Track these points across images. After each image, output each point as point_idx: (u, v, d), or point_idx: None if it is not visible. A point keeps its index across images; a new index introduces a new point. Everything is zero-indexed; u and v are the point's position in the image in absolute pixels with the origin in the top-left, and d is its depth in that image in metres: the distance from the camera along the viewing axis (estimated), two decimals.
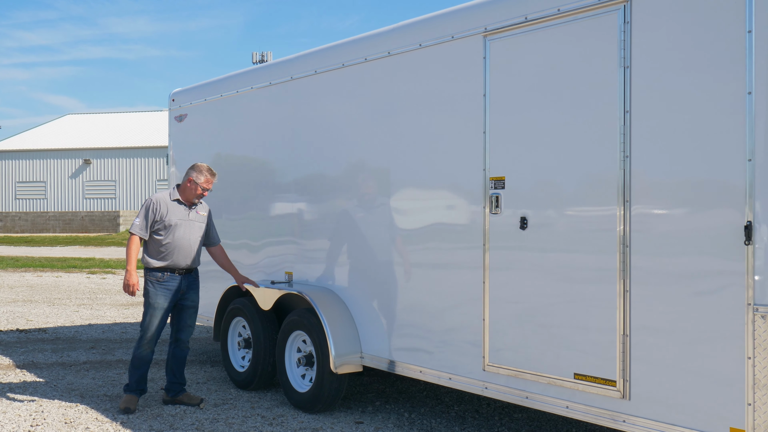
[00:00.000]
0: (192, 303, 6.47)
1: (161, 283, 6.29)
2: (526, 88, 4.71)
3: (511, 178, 4.78)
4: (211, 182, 6.41)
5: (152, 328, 6.31)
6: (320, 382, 5.96)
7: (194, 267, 6.47)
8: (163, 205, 6.32)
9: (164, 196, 6.39)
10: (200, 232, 6.47)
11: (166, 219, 6.26)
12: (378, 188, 5.80)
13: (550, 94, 4.57)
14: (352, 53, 6.05)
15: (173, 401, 6.42)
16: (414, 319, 5.49)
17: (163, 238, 6.27)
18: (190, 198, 6.38)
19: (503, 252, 4.83)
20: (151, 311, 6.30)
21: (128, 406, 6.18)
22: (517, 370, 4.73)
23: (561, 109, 4.50)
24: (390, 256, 5.69)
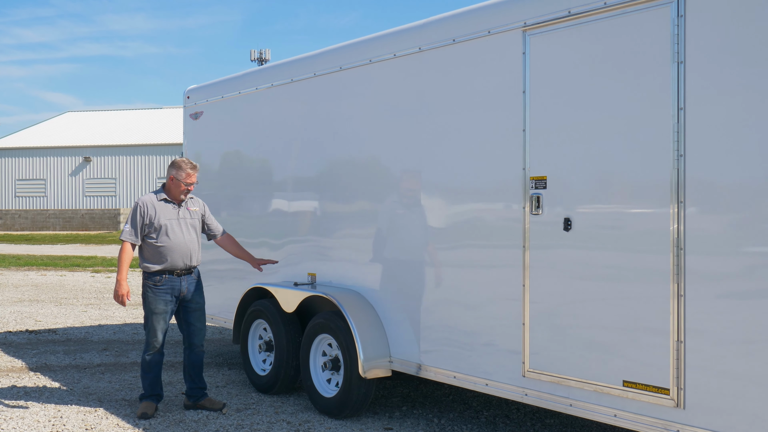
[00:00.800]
0: (197, 305, 6.27)
1: (159, 286, 6.08)
2: (569, 85, 4.54)
3: (554, 178, 4.62)
4: (192, 176, 6.15)
5: (156, 333, 6.12)
6: (348, 386, 5.80)
7: (194, 266, 6.24)
8: (151, 206, 6.08)
9: (151, 197, 6.16)
10: (195, 229, 6.25)
11: (156, 221, 6.04)
12: (409, 188, 5.63)
13: (596, 92, 4.40)
14: (379, 49, 5.88)
15: (195, 406, 6.25)
16: (447, 323, 5.33)
17: (156, 240, 6.05)
18: (176, 195, 6.15)
19: (545, 254, 4.67)
20: (152, 317, 6.12)
21: (146, 411, 6.02)
22: (560, 377, 4.57)
23: (608, 107, 4.33)
24: (421, 258, 5.52)
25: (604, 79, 4.36)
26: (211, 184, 8.00)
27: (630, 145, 4.22)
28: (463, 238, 5.21)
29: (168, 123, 45.63)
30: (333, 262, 6.37)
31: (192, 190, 6.23)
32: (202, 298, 6.33)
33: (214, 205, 7.88)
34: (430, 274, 5.46)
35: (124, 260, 6.03)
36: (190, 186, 6.16)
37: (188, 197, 6.27)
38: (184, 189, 6.14)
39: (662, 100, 4.07)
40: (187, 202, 6.25)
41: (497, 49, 4.96)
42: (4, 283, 16.10)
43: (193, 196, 6.36)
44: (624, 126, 4.25)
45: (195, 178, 6.19)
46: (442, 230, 5.37)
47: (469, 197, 5.20)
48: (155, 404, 6.13)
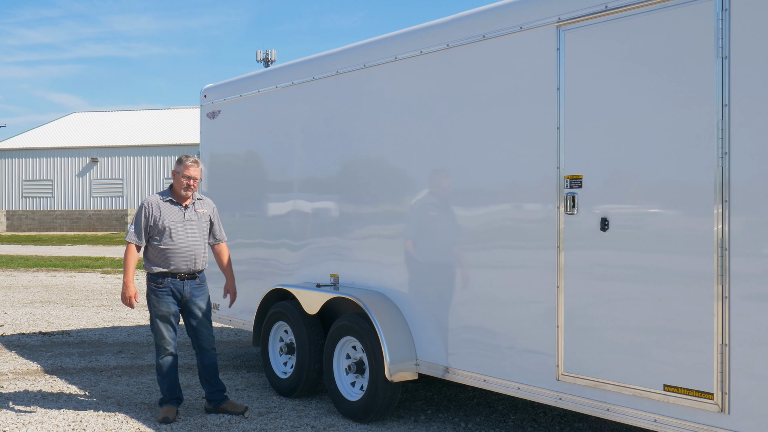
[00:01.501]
0: (200, 309, 6.11)
1: (161, 289, 5.95)
2: (606, 82, 4.42)
3: (590, 177, 4.50)
4: (191, 169, 5.97)
5: (164, 336, 6.00)
6: (373, 390, 5.69)
7: (198, 271, 6.09)
8: (156, 207, 5.95)
9: (157, 198, 6.01)
10: (201, 232, 6.09)
11: (160, 222, 5.90)
12: (437, 188, 5.52)
13: (634, 88, 4.29)
14: (406, 45, 5.77)
15: (216, 410, 6.14)
16: (477, 325, 5.21)
17: (160, 242, 5.92)
18: (179, 191, 5.98)
19: (581, 254, 4.55)
20: (158, 319, 5.99)
21: (167, 416, 5.91)
22: (597, 380, 4.46)
23: (648, 104, 4.22)
24: (450, 259, 5.41)
25: (643, 75, 4.24)
26: (229, 184, 7.91)
27: (672, 143, 4.11)
28: (494, 238, 5.09)
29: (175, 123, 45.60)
30: (356, 263, 6.26)
31: (194, 186, 6.02)
32: (206, 302, 6.17)
33: (232, 204, 7.79)
34: (458, 276, 5.35)
35: (130, 262, 5.93)
36: (189, 180, 5.96)
37: (197, 198, 6.14)
38: (184, 183, 5.96)
39: (705, 96, 3.96)
40: (195, 204, 6.10)
41: (530, 46, 4.85)
42: (14, 284, 16.02)
43: (202, 197, 6.22)
44: (665, 123, 4.13)
45: (194, 172, 5.99)
46: (472, 230, 5.26)
47: (500, 197, 5.08)
48: (176, 408, 6.03)
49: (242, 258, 7.59)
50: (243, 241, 7.62)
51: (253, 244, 7.50)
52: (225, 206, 7.90)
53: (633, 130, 4.28)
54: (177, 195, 6.04)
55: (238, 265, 7.59)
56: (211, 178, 8.17)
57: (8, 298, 13.72)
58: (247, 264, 7.49)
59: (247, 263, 7.50)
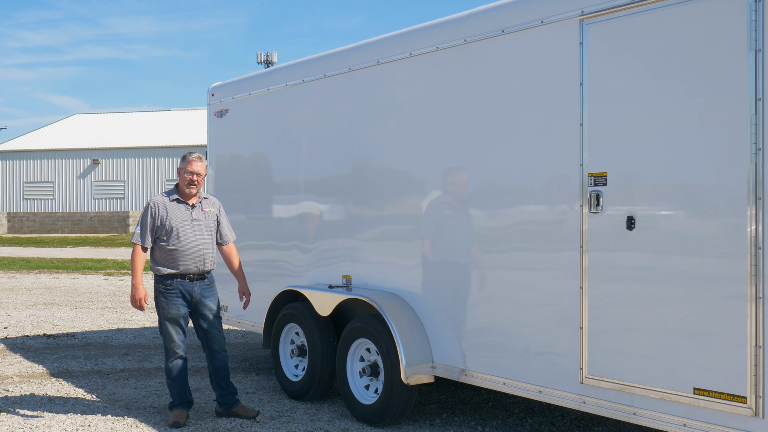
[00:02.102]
0: (210, 311, 6.00)
1: (170, 290, 5.83)
2: (632, 76, 4.30)
3: (615, 174, 4.38)
4: (195, 164, 5.84)
5: (173, 339, 5.88)
6: (388, 393, 5.56)
7: (207, 271, 5.99)
8: (162, 207, 5.82)
9: (163, 197, 5.89)
10: (209, 231, 5.98)
11: (167, 222, 5.78)
12: (454, 187, 5.40)
13: (662, 82, 4.16)
14: (421, 41, 5.65)
15: (228, 413, 6.02)
16: (496, 327, 5.09)
17: (167, 243, 5.79)
18: (183, 187, 5.87)
19: (605, 254, 4.43)
20: (166, 322, 5.87)
21: (177, 420, 5.79)
22: (623, 384, 4.33)
23: (676, 99, 4.09)
24: (468, 260, 5.29)
25: (671, 69, 4.12)
26: (237, 183, 7.79)
27: (702, 139, 3.98)
28: (514, 237, 4.97)
29: (176, 125, 45.48)
30: (369, 264, 6.14)
31: (198, 182, 5.89)
32: (216, 303, 6.07)
33: (241, 204, 7.67)
34: (476, 277, 5.22)
35: (138, 263, 5.80)
36: (193, 176, 5.84)
37: (203, 197, 6.03)
38: (188, 179, 5.84)
39: (738, 90, 3.84)
40: (202, 203, 5.99)
41: (551, 40, 4.73)
42: (16, 286, 15.90)
43: (208, 196, 6.11)
44: (695, 118, 4.01)
45: (198, 167, 5.86)
46: (491, 230, 5.13)
47: (520, 196, 4.95)
48: (186, 412, 5.90)
49: (251, 259, 7.46)
50: (252, 241, 7.49)
51: (262, 245, 7.37)
52: (233, 206, 7.78)
53: (661, 126, 4.16)
54: (182, 193, 5.92)
55: (247, 267, 7.47)
56: (218, 178, 8.05)
57: (11, 300, 13.60)
58: (257, 265, 7.37)
59: (256, 264, 7.38)
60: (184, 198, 5.91)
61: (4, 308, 12.46)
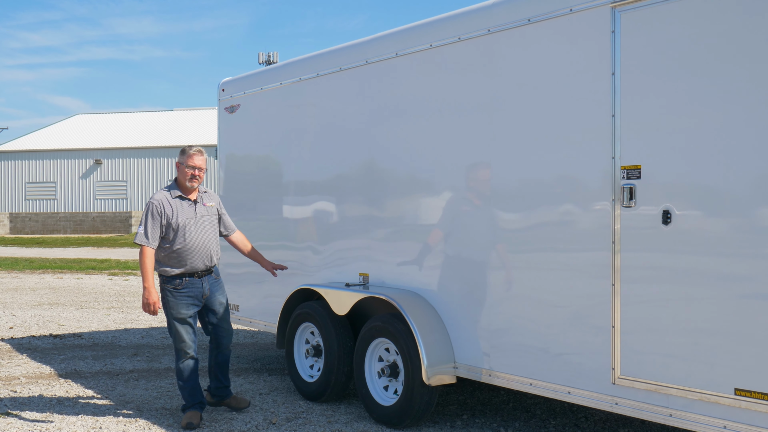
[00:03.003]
0: (221, 304, 5.93)
1: (180, 290, 5.70)
2: (667, 65, 4.14)
3: (649, 167, 4.22)
4: (196, 158, 5.71)
5: (184, 339, 5.73)
6: (409, 394, 5.40)
7: (213, 266, 5.89)
8: (167, 205, 5.66)
9: (165, 194, 5.72)
10: (213, 227, 5.89)
11: (174, 220, 5.63)
12: (477, 182, 5.23)
13: (702, 71, 4.00)
14: (442, 32, 5.49)
15: (219, 404, 6.05)
16: (522, 326, 4.93)
17: (173, 242, 5.64)
18: (184, 182, 5.73)
19: (639, 250, 4.26)
20: (176, 323, 5.72)
21: (191, 422, 5.63)
22: (658, 384, 4.17)
23: (718, 87, 3.93)
24: (491, 257, 5.12)
25: (711, 58, 3.95)
26: (249, 180, 7.63)
27: (744, 129, 3.82)
28: (541, 234, 4.81)
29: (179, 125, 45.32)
30: (387, 262, 5.97)
31: (200, 177, 5.74)
32: (225, 296, 6.02)
33: (252, 201, 7.52)
34: (501, 275, 5.06)
35: (147, 265, 5.55)
36: (194, 170, 5.70)
37: (203, 191, 5.92)
38: (189, 174, 5.70)
39: None
40: (203, 197, 5.87)
41: (581, 29, 4.56)
42: (20, 286, 15.74)
43: (207, 190, 5.99)
44: (739, 107, 3.84)
45: (199, 161, 5.72)
46: (516, 227, 4.97)
47: (547, 190, 4.79)
48: (200, 413, 5.75)
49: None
50: (264, 240, 7.33)
51: (274, 243, 7.21)
52: (244, 203, 7.63)
53: (700, 116, 4.00)
54: (183, 188, 5.78)
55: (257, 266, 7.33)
56: (228, 175, 7.90)
57: (16, 300, 13.44)
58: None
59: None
60: (185, 194, 5.77)
61: (8, 308, 12.31)
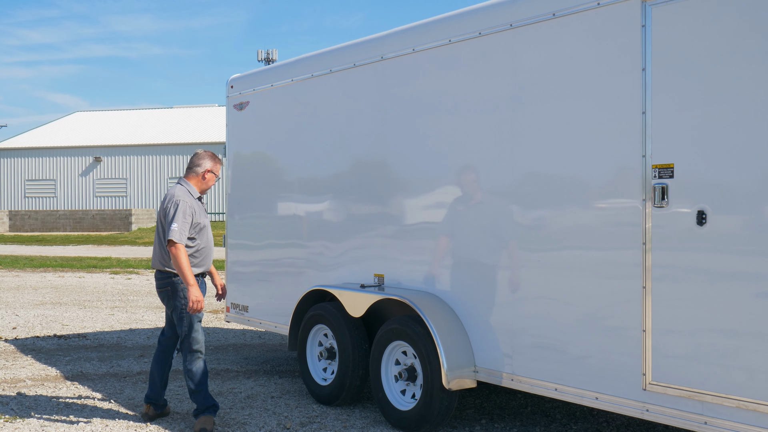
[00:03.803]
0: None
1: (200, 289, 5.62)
2: (701, 60, 3.99)
3: (683, 165, 4.07)
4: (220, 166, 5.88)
5: (201, 340, 5.61)
6: (428, 398, 5.26)
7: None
8: (195, 204, 5.64)
9: (187, 193, 5.64)
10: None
11: (197, 219, 5.62)
12: (500, 181, 5.08)
13: (739, 65, 3.85)
14: (462, 27, 5.34)
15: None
16: (547, 329, 4.78)
17: (197, 241, 5.62)
18: (203, 186, 5.79)
19: (672, 251, 4.12)
20: (196, 320, 5.57)
21: (204, 427, 5.47)
22: (692, 390, 4.03)
23: (755, 84, 3.78)
24: (514, 257, 4.98)
25: (748, 50, 3.81)
26: (258, 179, 7.48)
27: None
28: (568, 234, 4.66)
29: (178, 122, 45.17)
30: (404, 262, 5.83)
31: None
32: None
33: (262, 200, 7.38)
34: (524, 275, 4.92)
35: (188, 264, 5.40)
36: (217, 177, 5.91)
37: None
38: (214, 180, 5.83)
39: None
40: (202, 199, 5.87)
41: (610, 23, 4.42)
42: (22, 285, 15.59)
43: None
44: None
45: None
46: (542, 227, 4.83)
47: (574, 190, 4.64)
48: (213, 417, 5.59)
49: (275, 258, 7.18)
50: (275, 239, 7.20)
51: (286, 243, 7.07)
52: (254, 201, 7.50)
53: (736, 113, 3.85)
54: (200, 191, 5.80)
55: (271, 266, 7.21)
56: (237, 173, 7.75)
57: (18, 299, 13.29)
58: (281, 264, 7.08)
59: (280, 264, 7.09)
60: (200, 194, 5.82)
61: (11, 308, 12.16)
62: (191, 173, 5.77)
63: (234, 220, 7.78)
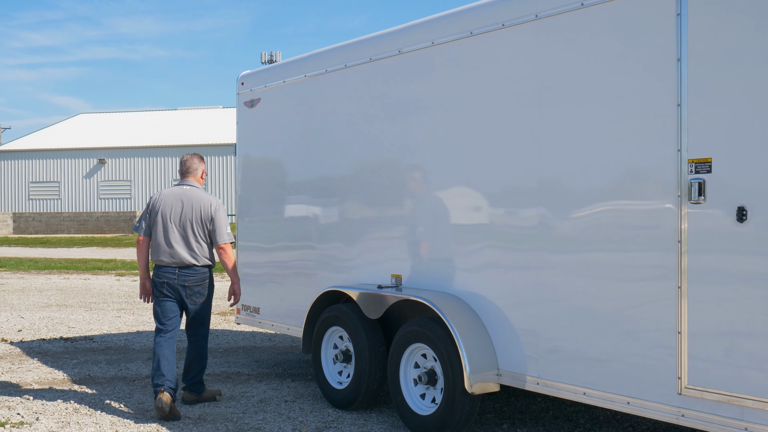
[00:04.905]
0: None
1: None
2: (743, 49, 3.82)
3: (721, 160, 3.89)
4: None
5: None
6: (449, 403, 5.08)
7: None
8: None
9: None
10: None
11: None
12: (525, 177, 4.90)
13: None
14: (483, 19, 5.17)
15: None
16: (574, 329, 4.60)
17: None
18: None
19: (710, 250, 3.94)
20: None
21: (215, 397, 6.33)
22: (731, 395, 3.85)
23: None
24: (539, 256, 4.80)
25: None
26: (270, 178, 7.32)
27: None
28: (597, 233, 4.48)
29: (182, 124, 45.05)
30: (422, 262, 5.66)
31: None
32: None
33: (274, 199, 7.22)
34: (550, 275, 4.74)
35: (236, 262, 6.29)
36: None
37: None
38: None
39: None
40: None
41: (642, 12, 4.24)
42: (27, 287, 15.44)
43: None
44: None
45: None
46: (567, 224, 4.65)
47: (603, 186, 4.45)
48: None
49: (287, 258, 7.02)
50: (288, 240, 7.03)
51: (299, 243, 6.90)
52: (265, 201, 7.33)
53: None
54: None
55: (284, 267, 7.04)
56: (248, 172, 7.59)
57: (23, 301, 13.13)
58: (294, 265, 6.91)
59: (293, 264, 6.92)
60: None
61: (16, 310, 12.00)
62: (191, 175, 6.18)
63: (244, 221, 7.61)
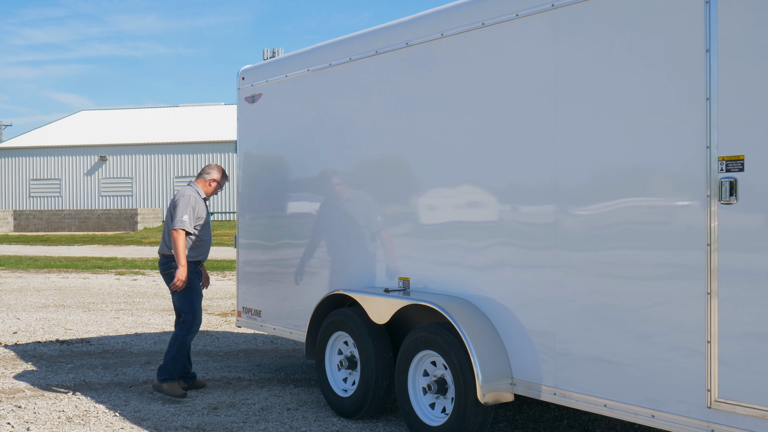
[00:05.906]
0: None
1: (197, 274, 6.64)
2: None
3: (755, 157, 3.63)
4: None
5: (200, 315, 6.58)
6: (460, 413, 4.83)
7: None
8: (199, 201, 6.65)
9: (195, 192, 6.63)
10: None
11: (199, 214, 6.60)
12: (541, 174, 4.63)
13: None
14: (496, 9, 4.90)
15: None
16: (595, 337, 4.34)
17: (200, 234, 6.62)
18: (211, 193, 6.84)
19: (742, 252, 3.68)
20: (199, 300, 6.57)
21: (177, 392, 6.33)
22: (766, 410, 3.59)
23: None
24: (556, 259, 4.53)
25: None
26: (271, 175, 7.06)
27: None
28: (620, 235, 4.21)
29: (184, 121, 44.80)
30: (431, 264, 5.39)
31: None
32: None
33: (275, 198, 6.96)
34: (569, 279, 4.47)
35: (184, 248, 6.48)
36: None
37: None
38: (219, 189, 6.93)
39: None
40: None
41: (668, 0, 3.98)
42: (25, 286, 15.19)
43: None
44: None
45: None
46: (587, 225, 4.38)
47: (626, 185, 4.19)
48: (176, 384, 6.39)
49: (289, 259, 6.75)
50: (290, 240, 6.77)
51: (301, 243, 6.64)
52: (267, 199, 7.07)
53: None
54: (207, 195, 6.84)
55: (285, 268, 6.78)
56: (249, 169, 7.33)
57: (20, 301, 12.89)
58: (296, 266, 6.65)
59: (295, 265, 6.66)
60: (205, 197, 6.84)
61: (12, 311, 11.75)
62: (200, 178, 6.78)
63: (246, 219, 7.35)
